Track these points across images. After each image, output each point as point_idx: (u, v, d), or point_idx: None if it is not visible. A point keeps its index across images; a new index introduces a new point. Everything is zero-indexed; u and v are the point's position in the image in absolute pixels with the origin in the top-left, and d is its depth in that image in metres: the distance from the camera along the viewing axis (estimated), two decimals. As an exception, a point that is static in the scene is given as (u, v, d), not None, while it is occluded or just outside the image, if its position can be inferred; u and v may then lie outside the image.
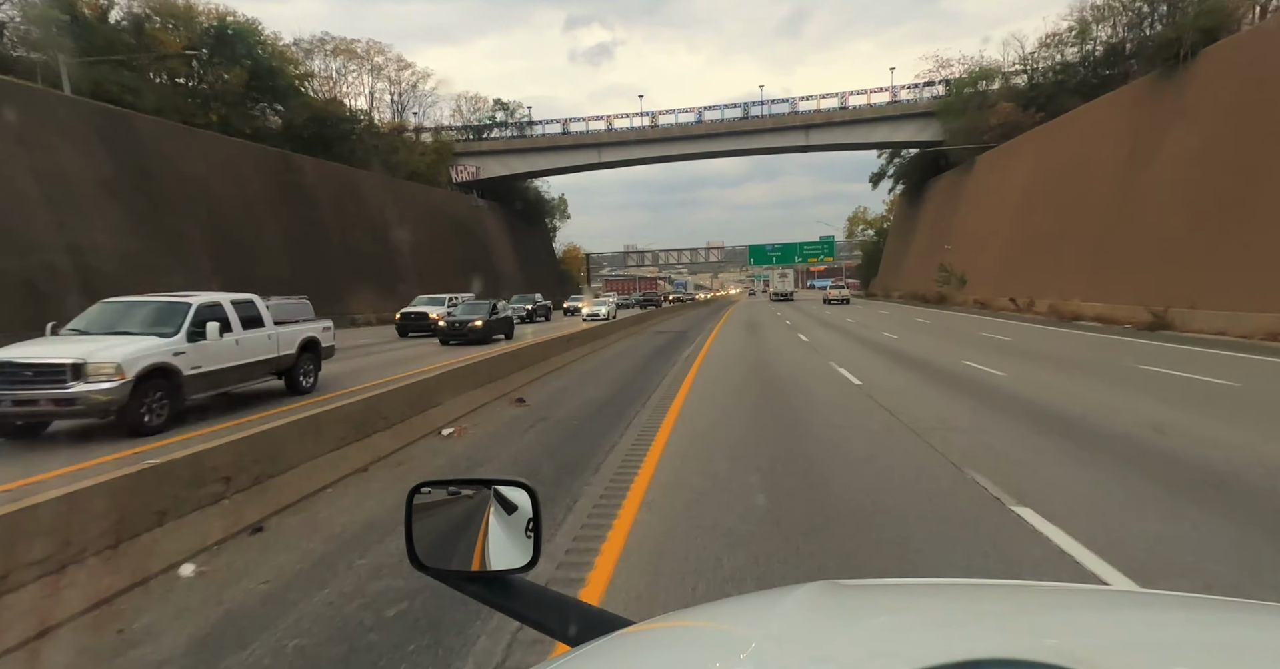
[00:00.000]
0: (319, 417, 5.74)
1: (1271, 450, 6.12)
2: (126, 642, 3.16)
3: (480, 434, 7.76)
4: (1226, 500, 4.89)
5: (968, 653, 0.65)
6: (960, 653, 0.65)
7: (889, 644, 0.79)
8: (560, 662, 0.89)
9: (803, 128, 53.57)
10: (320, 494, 5.32)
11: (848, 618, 0.93)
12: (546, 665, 0.90)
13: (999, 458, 6.17)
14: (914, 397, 9.88)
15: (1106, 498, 4.99)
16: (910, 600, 1.07)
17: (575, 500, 5.19)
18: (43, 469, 6.29)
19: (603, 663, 0.89)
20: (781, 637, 0.81)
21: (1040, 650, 0.66)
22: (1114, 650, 0.73)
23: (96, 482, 3.70)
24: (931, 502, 4.96)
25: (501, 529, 1.25)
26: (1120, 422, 7.62)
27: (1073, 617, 0.92)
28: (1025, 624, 0.87)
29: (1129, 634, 0.83)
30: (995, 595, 1.09)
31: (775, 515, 4.69)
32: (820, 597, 0.98)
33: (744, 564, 3.88)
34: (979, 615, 0.94)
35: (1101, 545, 3.95)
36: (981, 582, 1.12)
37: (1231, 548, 3.99)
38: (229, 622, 3.35)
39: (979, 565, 3.79)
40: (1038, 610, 0.97)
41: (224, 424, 8.23)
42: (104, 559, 3.70)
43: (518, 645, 3.02)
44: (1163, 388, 10.20)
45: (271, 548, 4.29)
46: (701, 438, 7.37)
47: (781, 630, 0.83)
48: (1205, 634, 0.83)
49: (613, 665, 0.88)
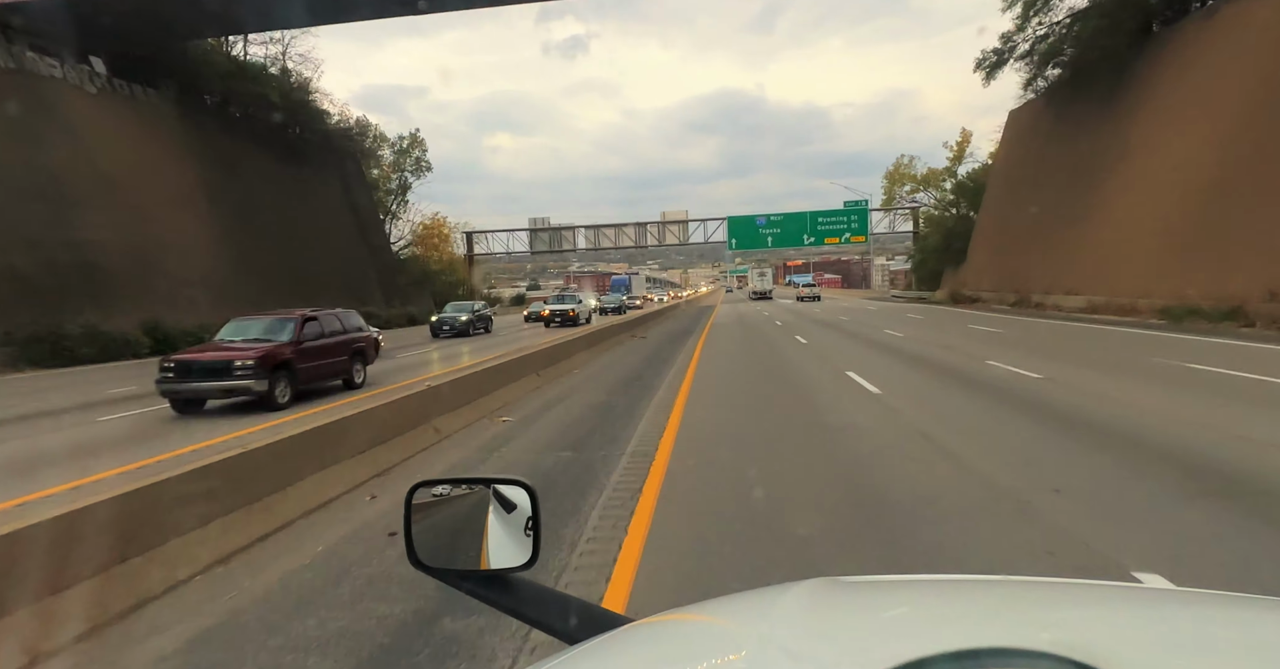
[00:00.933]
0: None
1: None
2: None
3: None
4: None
5: (965, 643, 0.66)
6: (958, 643, 0.66)
7: (887, 638, 0.80)
8: (559, 659, 0.89)
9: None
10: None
11: (847, 614, 0.93)
12: (546, 663, 0.90)
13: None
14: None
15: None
16: (909, 596, 1.07)
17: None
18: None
19: (602, 660, 0.89)
20: (781, 633, 0.81)
21: (1038, 641, 0.67)
22: (1113, 642, 0.73)
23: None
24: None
25: (501, 528, 1.26)
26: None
27: (1073, 610, 0.93)
28: (1025, 617, 0.88)
29: (1128, 627, 0.84)
30: (995, 590, 1.09)
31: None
32: (819, 593, 0.98)
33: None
34: (979, 609, 0.94)
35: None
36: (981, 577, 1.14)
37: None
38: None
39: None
40: (1038, 604, 0.98)
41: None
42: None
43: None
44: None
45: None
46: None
47: (781, 627, 0.84)
48: (1207, 628, 0.83)
49: (612, 663, 0.89)
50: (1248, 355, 12.62)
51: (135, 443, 8.66)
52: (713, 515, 4.85)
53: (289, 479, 5.09)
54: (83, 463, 7.29)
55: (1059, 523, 4.40)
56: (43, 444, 9.05)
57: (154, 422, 10.34)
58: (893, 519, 4.64)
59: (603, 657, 0.90)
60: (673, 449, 6.80)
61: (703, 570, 3.92)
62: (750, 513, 4.86)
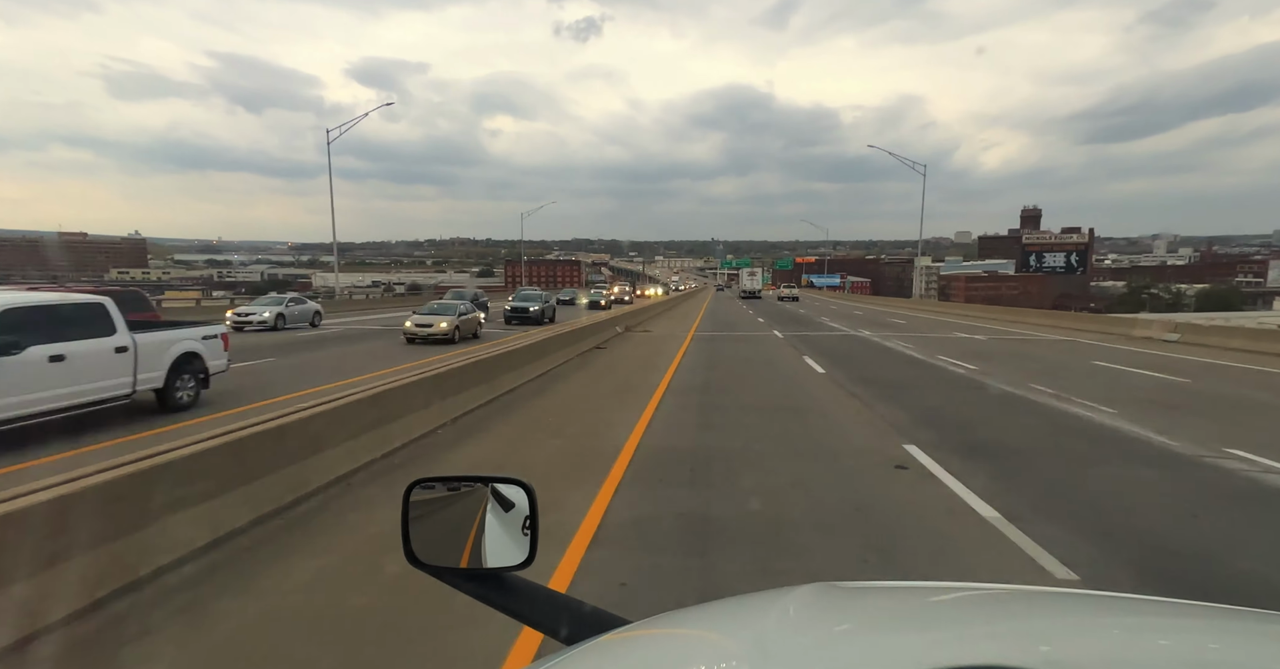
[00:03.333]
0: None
1: None
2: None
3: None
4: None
5: (957, 658, 0.66)
6: (951, 658, 0.66)
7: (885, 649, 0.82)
8: (554, 661, 0.90)
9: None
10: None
11: (844, 621, 0.93)
12: (540, 664, 0.90)
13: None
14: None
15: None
16: (905, 604, 1.08)
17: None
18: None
19: (596, 664, 0.90)
20: (777, 642, 0.82)
21: (1033, 657, 0.67)
22: (1108, 657, 0.74)
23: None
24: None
25: (498, 526, 1.26)
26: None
27: (1069, 622, 0.93)
28: (1021, 628, 0.88)
29: (1123, 641, 0.84)
30: (991, 599, 1.10)
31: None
32: (816, 599, 0.99)
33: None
34: (975, 619, 0.95)
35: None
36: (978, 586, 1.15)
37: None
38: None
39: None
40: (1034, 615, 0.98)
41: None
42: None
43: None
44: None
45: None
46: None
47: (777, 635, 0.84)
48: (1199, 641, 0.84)
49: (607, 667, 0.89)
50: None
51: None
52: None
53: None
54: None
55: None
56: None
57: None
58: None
59: (598, 662, 0.90)
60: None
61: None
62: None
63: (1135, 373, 14.63)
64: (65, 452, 6.94)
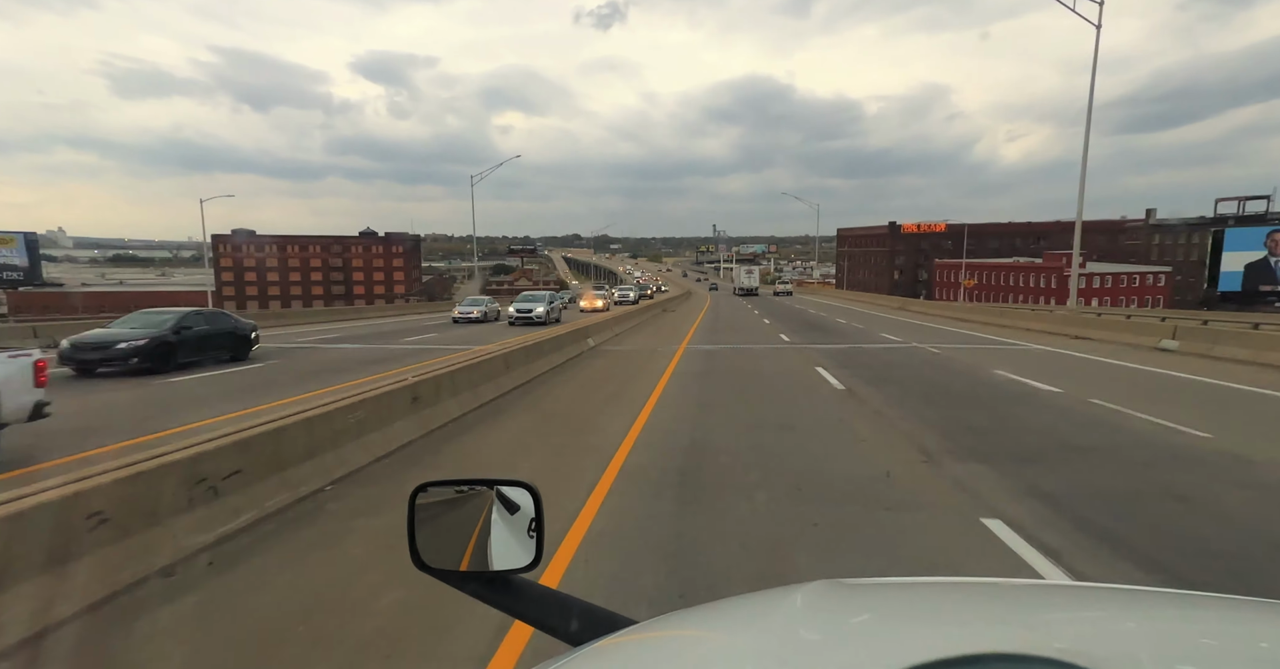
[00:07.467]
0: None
1: None
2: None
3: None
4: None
5: (967, 649, 0.66)
6: (961, 649, 0.66)
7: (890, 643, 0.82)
8: (561, 662, 0.89)
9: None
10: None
11: (854, 616, 0.94)
12: (548, 665, 0.90)
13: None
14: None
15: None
16: (912, 598, 1.08)
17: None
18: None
19: (608, 664, 0.90)
20: (789, 639, 0.82)
21: (1041, 646, 0.67)
22: (1118, 648, 0.74)
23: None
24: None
25: (504, 529, 1.27)
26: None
27: (1077, 614, 0.93)
28: (1028, 621, 0.88)
29: (1134, 632, 0.84)
30: (998, 593, 1.10)
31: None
32: (822, 597, 0.99)
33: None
34: (984, 611, 0.95)
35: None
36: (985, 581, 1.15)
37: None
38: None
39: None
40: (1042, 608, 0.98)
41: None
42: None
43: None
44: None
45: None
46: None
47: (788, 633, 0.84)
48: (1211, 631, 0.84)
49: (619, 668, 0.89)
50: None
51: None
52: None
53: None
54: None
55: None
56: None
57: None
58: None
59: (605, 663, 0.90)
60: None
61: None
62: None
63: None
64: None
